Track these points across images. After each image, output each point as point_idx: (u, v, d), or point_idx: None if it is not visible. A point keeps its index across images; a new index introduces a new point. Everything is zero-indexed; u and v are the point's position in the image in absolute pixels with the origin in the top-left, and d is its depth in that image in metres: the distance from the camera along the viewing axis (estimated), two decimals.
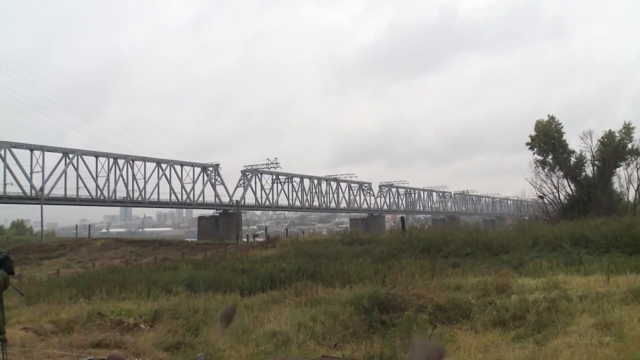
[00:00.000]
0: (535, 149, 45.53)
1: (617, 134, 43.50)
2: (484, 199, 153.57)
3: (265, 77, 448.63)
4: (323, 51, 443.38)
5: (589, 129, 47.46)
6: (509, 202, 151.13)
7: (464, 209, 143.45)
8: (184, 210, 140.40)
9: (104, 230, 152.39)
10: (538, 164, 45.77)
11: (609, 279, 14.57)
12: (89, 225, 73.04)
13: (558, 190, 45.31)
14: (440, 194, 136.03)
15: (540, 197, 46.12)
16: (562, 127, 45.16)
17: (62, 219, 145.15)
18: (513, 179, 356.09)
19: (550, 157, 45.21)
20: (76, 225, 68.68)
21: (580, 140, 45.28)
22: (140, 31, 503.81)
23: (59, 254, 48.98)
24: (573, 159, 45.13)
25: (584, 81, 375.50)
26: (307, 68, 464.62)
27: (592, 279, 15.27)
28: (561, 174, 45.01)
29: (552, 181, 45.49)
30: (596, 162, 44.23)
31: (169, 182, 79.97)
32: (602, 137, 43.93)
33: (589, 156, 44.58)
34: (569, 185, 45.11)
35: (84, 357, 8.98)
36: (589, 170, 45.05)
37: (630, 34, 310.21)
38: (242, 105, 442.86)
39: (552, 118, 45.49)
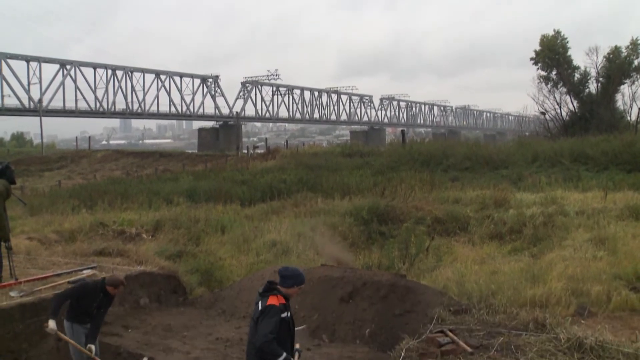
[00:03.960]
0: (539, 64, 44.63)
1: (624, 50, 42.53)
2: (485, 113, 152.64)
3: None
4: None
5: (595, 45, 46.35)
6: (510, 117, 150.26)
7: (464, 123, 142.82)
8: (184, 122, 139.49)
9: (104, 142, 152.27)
10: (541, 80, 45.03)
11: (607, 195, 14.70)
12: (89, 137, 72.65)
13: (560, 107, 44.87)
14: (442, 107, 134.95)
15: (542, 113, 45.70)
16: (567, 42, 44.05)
17: (62, 131, 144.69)
18: (516, 94, 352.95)
19: (554, 72, 44.39)
20: (76, 137, 68.35)
21: (585, 57, 44.35)
22: None
23: (59, 166, 49.07)
24: (577, 75, 44.35)
25: None
26: None
27: (590, 195, 15.42)
28: (564, 90, 44.36)
29: (554, 97, 44.93)
30: (600, 79, 43.52)
31: (169, 93, 79.01)
32: (608, 53, 42.99)
33: (593, 72, 43.85)
34: (572, 102, 44.65)
35: (87, 264, 9.18)
36: (592, 87, 44.45)
37: None
38: (251, 17, 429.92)
39: (557, 32, 44.25)
